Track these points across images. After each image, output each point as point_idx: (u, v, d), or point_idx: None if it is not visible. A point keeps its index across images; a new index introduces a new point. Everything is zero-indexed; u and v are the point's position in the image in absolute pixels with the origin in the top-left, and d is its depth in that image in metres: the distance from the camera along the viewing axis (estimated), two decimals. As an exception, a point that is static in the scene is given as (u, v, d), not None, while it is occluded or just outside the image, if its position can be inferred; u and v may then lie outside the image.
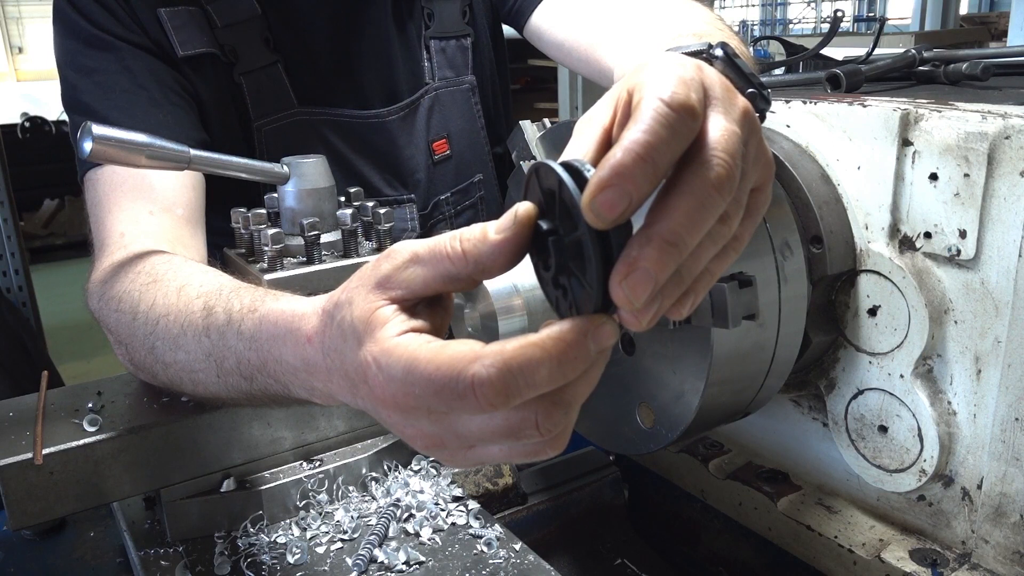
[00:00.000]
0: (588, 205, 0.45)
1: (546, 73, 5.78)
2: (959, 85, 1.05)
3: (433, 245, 0.53)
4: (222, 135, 1.23)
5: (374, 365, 0.52)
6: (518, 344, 0.46)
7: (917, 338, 0.83)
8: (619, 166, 0.45)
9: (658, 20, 0.99)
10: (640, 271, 0.45)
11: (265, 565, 0.84)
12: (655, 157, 0.46)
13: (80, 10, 1.12)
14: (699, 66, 0.54)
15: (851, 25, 16.84)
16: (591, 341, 0.47)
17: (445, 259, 0.52)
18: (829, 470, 0.98)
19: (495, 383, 0.46)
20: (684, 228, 0.46)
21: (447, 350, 0.48)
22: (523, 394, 0.46)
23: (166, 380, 0.87)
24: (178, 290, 0.85)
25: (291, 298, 0.69)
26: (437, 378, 0.48)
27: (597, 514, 1.15)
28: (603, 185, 0.45)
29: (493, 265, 0.51)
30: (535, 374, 0.46)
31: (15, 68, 19.88)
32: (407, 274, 0.54)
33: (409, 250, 0.54)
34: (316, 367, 0.60)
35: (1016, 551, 0.81)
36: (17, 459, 0.80)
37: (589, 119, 0.56)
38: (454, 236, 0.52)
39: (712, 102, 0.51)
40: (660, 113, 0.47)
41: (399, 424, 0.53)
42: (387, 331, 0.52)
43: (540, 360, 0.46)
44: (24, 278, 3.31)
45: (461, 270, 0.52)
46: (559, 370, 0.46)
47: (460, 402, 0.47)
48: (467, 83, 1.45)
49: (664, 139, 0.46)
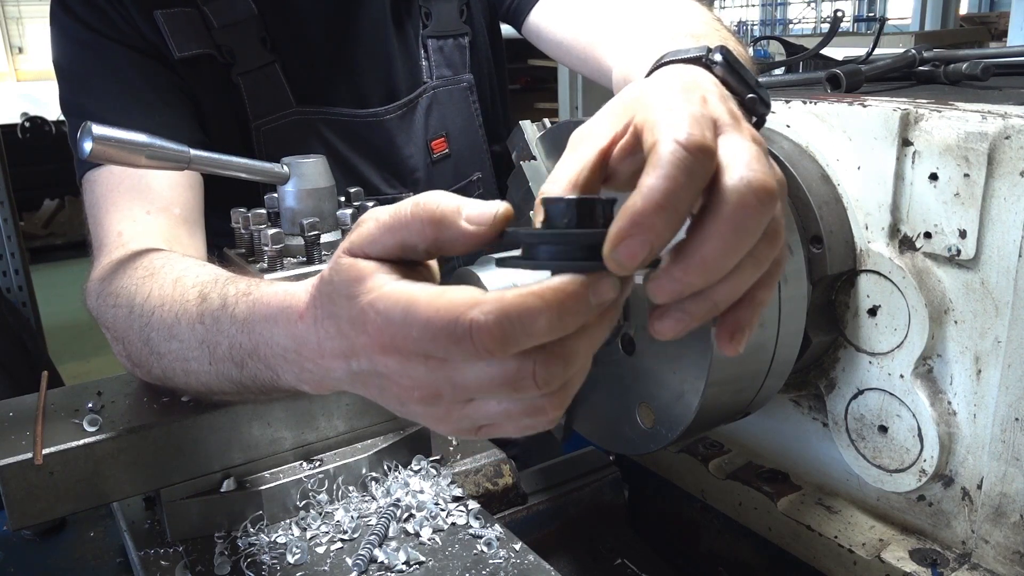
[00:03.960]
0: (610, 255, 0.45)
1: (546, 73, 5.78)
2: (959, 85, 1.05)
3: (395, 210, 0.53)
4: (220, 135, 1.23)
5: (371, 309, 0.51)
6: (518, 292, 0.46)
7: (917, 338, 0.83)
8: (639, 216, 0.45)
9: (657, 20, 0.99)
10: (675, 310, 0.49)
11: (265, 565, 0.84)
12: (675, 204, 0.46)
13: (76, 13, 1.12)
14: (704, 96, 0.54)
15: (851, 25, 16.85)
16: (591, 293, 0.47)
17: (403, 227, 0.52)
18: (829, 470, 0.98)
19: (493, 329, 0.46)
20: (720, 252, 0.48)
21: (446, 294, 0.48)
22: (521, 342, 0.46)
23: (160, 373, 0.87)
24: (174, 281, 0.85)
25: (285, 283, 0.69)
26: (435, 321, 0.48)
27: (597, 514, 1.15)
28: (623, 235, 0.45)
29: (452, 248, 0.51)
30: (534, 322, 0.46)
31: (15, 68, 19.89)
32: (367, 238, 0.54)
33: (372, 217, 0.55)
34: (307, 343, 0.60)
35: (1016, 551, 0.81)
36: (17, 459, 0.79)
37: (585, 136, 0.56)
38: (413, 202, 0.52)
39: (723, 129, 0.52)
40: (678, 157, 0.47)
41: (397, 372, 0.52)
42: (378, 279, 0.52)
43: (539, 309, 0.46)
44: (24, 278, 3.31)
45: (420, 242, 0.52)
46: (558, 320, 0.46)
47: (457, 347, 0.47)
48: (465, 82, 1.45)
49: (683, 184, 0.47)
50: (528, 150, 0.92)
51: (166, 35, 1.15)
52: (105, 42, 1.13)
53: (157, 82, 1.15)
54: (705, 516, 1.08)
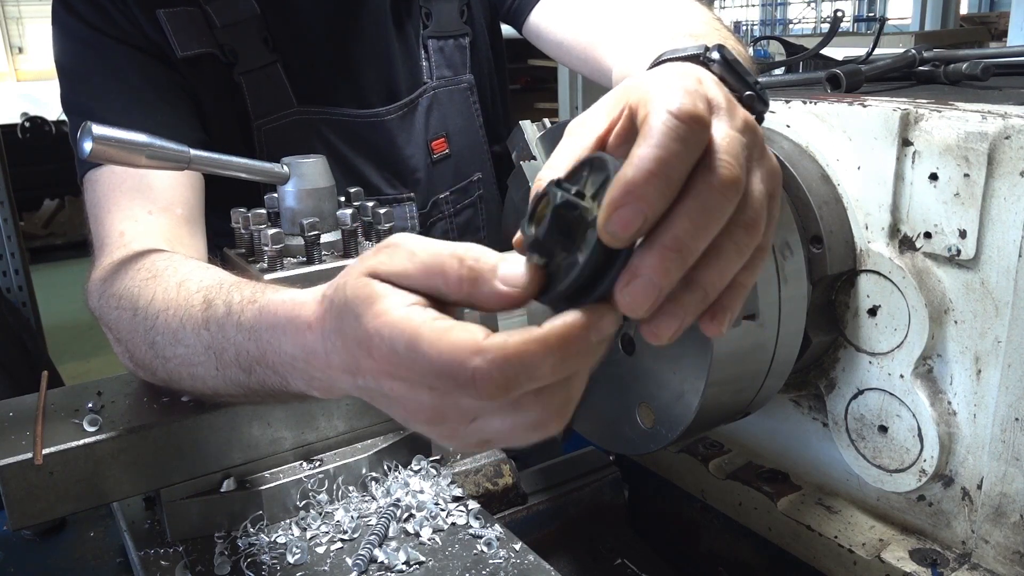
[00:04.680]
0: (603, 226, 0.44)
1: (546, 73, 5.78)
2: (959, 85, 1.05)
3: (433, 256, 0.51)
4: (221, 135, 1.23)
5: (377, 336, 0.51)
6: (520, 339, 0.46)
7: (917, 338, 0.83)
8: (631, 184, 0.45)
9: (656, 20, 0.99)
10: (642, 279, 0.45)
11: (265, 565, 0.84)
12: (668, 172, 0.46)
13: (78, 12, 1.12)
14: (699, 78, 0.54)
15: (851, 25, 16.84)
16: (592, 332, 0.47)
17: (439, 275, 0.51)
18: (829, 470, 0.98)
19: (496, 378, 0.46)
20: (688, 234, 0.46)
21: (450, 335, 0.48)
22: (524, 386, 0.47)
23: (165, 376, 0.87)
24: (178, 285, 0.85)
25: (292, 291, 0.69)
26: (439, 364, 0.48)
27: (597, 514, 1.15)
28: (616, 204, 0.44)
29: (484, 306, 0.51)
30: (537, 369, 0.46)
31: (15, 68, 19.89)
32: (398, 269, 0.53)
33: (407, 250, 0.53)
34: (315, 354, 0.60)
35: (1016, 551, 0.81)
36: (17, 459, 0.79)
37: (582, 123, 0.56)
38: (458, 258, 0.50)
39: (715, 111, 0.51)
40: (669, 126, 0.47)
41: (402, 396, 0.52)
42: (387, 303, 0.51)
43: (543, 356, 0.46)
44: (24, 278, 3.31)
45: (451, 294, 0.51)
46: (561, 363, 0.47)
47: (459, 390, 0.47)
48: (465, 82, 1.45)
49: (676, 152, 0.46)
50: (528, 150, 0.93)
51: (168, 34, 1.15)
52: (107, 41, 1.13)
53: (158, 81, 1.15)
54: (705, 516, 1.08)
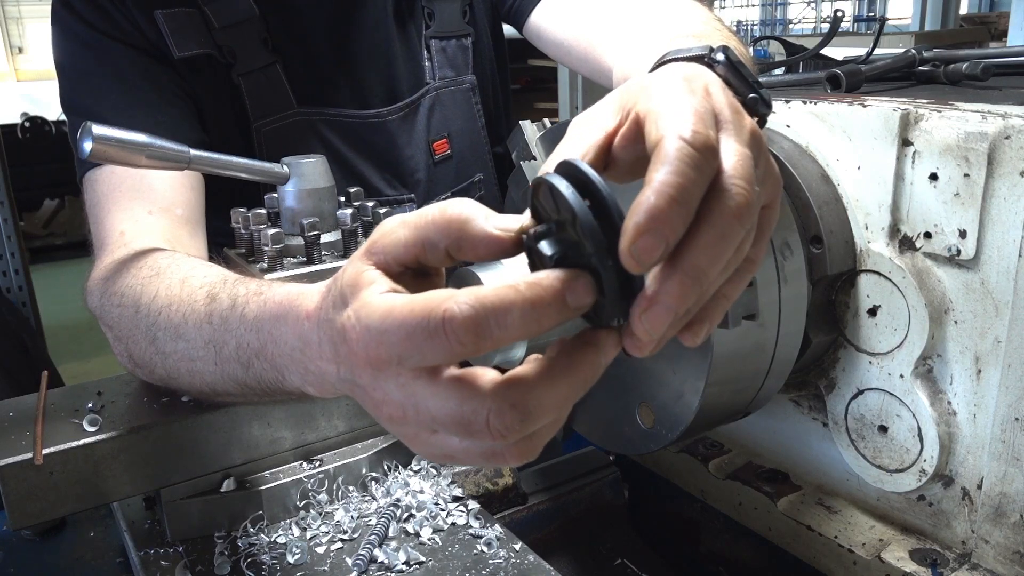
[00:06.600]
0: (628, 250, 0.45)
1: (546, 73, 5.78)
2: (959, 85, 1.05)
3: (425, 209, 0.53)
4: (221, 136, 1.23)
5: (353, 317, 0.51)
6: (494, 285, 0.47)
7: (917, 338, 0.83)
8: (655, 210, 0.45)
9: (657, 20, 0.99)
10: (661, 305, 0.46)
11: (265, 565, 0.84)
12: (686, 199, 0.46)
13: (77, 12, 1.13)
14: (707, 86, 0.54)
15: (851, 25, 16.84)
16: (568, 292, 0.47)
17: (431, 224, 0.52)
18: (829, 470, 0.98)
19: (467, 320, 0.46)
20: (707, 261, 0.47)
21: (423, 296, 0.48)
22: (495, 335, 0.46)
23: (163, 373, 0.87)
24: (181, 281, 0.85)
25: (298, 284, 0.69)
26: (410, 320, 0.47)
27: (597, 514, 1.15)
28: (641, 231, 0.45)
29: (473, 249, 0.51)
30: (508, 315, 0.46)
31: (15, 68, 19.91)
32: (391, 238, 0.54)
33: (399, 217, 0.55)
34: (310, 343, 0.60)
35: (1016, 551, 0.81)
36: (17, 459, 0.80)
37: (588, 120, 0.56)
38: (443, 207, 0.52)
39: (723, 126, 0.52)
40: (686, 154, 0.47)
41: (370, 385, 0.52)
42: (371, 290, 0.52)
43: (514, 301, 0.46)
44: (24, 278, 3.31)
45: (442, 239, 0.52)
46: (532, 314, 0.46)
47: (431, 342, 0.47)
48: (467, 83, 1.45)
49: (693, 180, 0.47)
50: (528, 150, 0.93)
51: (166, 35, 1.15)
52: (107, 41, 1.13)
53: (158, 82, 1.15)
54: (705, 516, 1.08)
